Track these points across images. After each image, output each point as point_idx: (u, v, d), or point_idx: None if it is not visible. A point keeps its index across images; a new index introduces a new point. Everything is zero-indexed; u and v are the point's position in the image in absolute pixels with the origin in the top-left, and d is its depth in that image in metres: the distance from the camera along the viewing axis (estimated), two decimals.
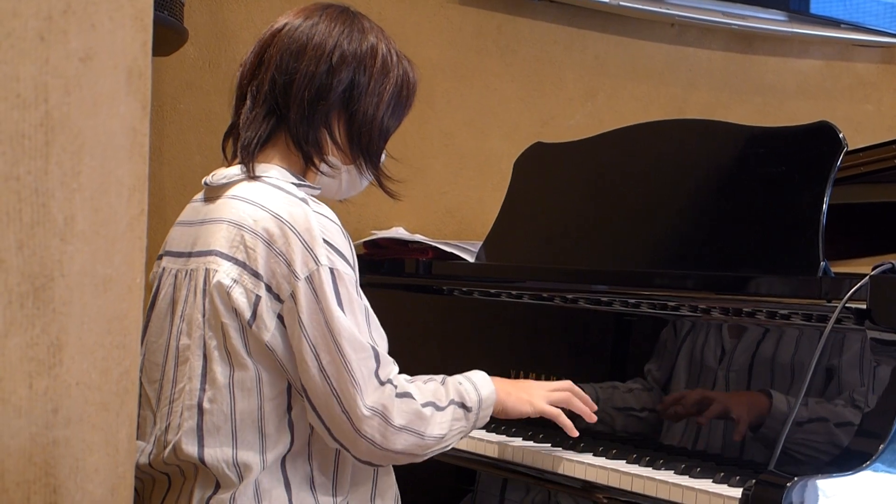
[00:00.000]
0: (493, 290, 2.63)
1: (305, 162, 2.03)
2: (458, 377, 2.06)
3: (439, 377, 2.04)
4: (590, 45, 3.96)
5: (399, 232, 3.18)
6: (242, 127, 2.04)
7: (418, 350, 2.42)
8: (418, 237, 3.09)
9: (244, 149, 2.02)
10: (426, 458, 2.01)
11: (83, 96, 1.54)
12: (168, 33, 2.88)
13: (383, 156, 2.12)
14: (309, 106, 2.01)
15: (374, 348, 1.93)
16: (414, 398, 1.95)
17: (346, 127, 2.05)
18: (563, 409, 2.16)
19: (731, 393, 2.14)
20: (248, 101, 2.05)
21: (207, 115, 3.41)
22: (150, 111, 1.66)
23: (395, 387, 1.94)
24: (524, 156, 2.87)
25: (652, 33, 4.05)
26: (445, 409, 1.99)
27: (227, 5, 3.42)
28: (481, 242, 2.83)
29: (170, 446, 1.93)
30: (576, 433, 2.16)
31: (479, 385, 2.05)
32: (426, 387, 2.00)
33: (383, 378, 1.93)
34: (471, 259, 2.84)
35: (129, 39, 1.60)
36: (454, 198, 3.74)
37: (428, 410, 1.96)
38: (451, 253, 2.92)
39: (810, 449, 1.96)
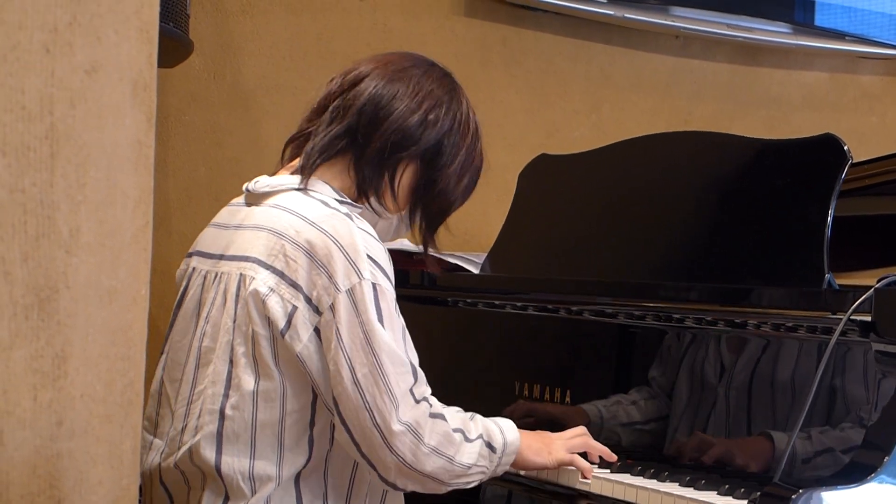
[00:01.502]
0: (497, 302, 2.63)
1: (358, 192, 2.04)
2: (486, 418, 2.06)
3: (468, 413, 2.04)
4: (595, 58, 3.97)
5: (404, 244, 3.17)
6: (314, 136, 2.04)
7: (422, 362, 2.41)
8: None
9: (308, 157, 2.03)
10: (450, 487, 2.00)
11: (88, 108, 1.55)
12: (173, 45, 2.89)
13: None
14: (389, 149, 2.02)
15: (412, 364, 1.93)
16: (446, 420, 1.95)
17: (415, 184, 2.06)
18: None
19: (736, 407, 2.14)
20: (327, 115, 2.05)
21: (213, 128, 3.42)
22: (155, 123, 1.67)
23: (430, 406, 1.94)
24: (529, 167, 2.87)
25: (657, 45, 4.05)
26: (474, 441, 1.98)
27: (232, 17, 3.43)
28: (486, 254, 2.83)
29: (185, 447, 1.93)
30: (590, 474, 2.14)
31: (505, 430, 2.04)
32: (457, 415, 2.00)
33: (419, 396, 1.93)
34: (475, 270, 2.84)
35: (134, 52, 1.61)
36: (458, 209, 3.74)
37: (458, 436, 1.96)
38: (456, 264, 2.92)
39: (815, 461, 1.96)
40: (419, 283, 2.89)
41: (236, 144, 3.43)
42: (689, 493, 2.00)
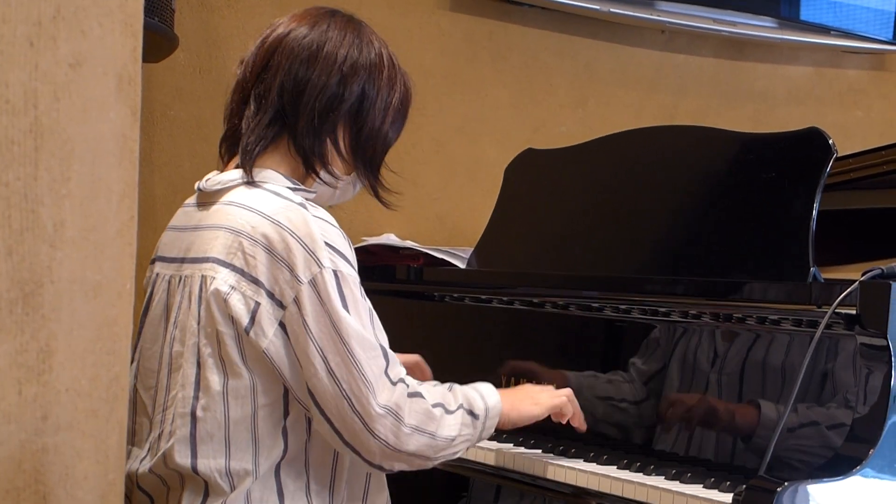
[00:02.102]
0: (484, 297, 2.63)
1: (306, 169, 2.02)
2: (465, 386, 2.06)
3: (446, 384, 2.04)
4: (580, 52, 3.97)
5: (390, 238, 3.18)
6: (245, 131, 2.03)
7: None
8: (409, 243, 3.09)
9: (245, 152, 2.01)
10: (437, 462, 1.99)
11: (73, 102, 1.54)
12: (158, 40, 2.88)
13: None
14: (319, 117, 2.00)
15: (382, 347, 1.93)
16: (424, 398, 1.95)
17: (351, 138, 2.05)
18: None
19: (722, 401, 2.14)
20: (251, 106, 2.04)
21: (198, 122, 3.41)
22: (140, 117, 1.66)
23: (408, 386, 1.94)
24: (515, 162, 2.87)
25: (642, 40, 4.05)
26: (455, 412, 1.98)
27: (217, 12, 3.42)
28: (472, 249, 2.83)
29: (160, 453, 1.93)
30: (580, 421, 2.18)
31: (485, 394, 2.05)
32: (435, 389, 2.00)
33: (394, 377, 1.92)
34: (462, 265, 2.84)
35: (118, 45, 1.60)
36: (445, 204, 3.75)
37: (438, 411, 1.96)
38: (442, 259, 2.93)
39: (800, 454, 1.96)
40: (406, 278, 2.89)
41: None
42: (675, 486, 2.00)
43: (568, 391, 2.21)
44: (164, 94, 3.38)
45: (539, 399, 2.15)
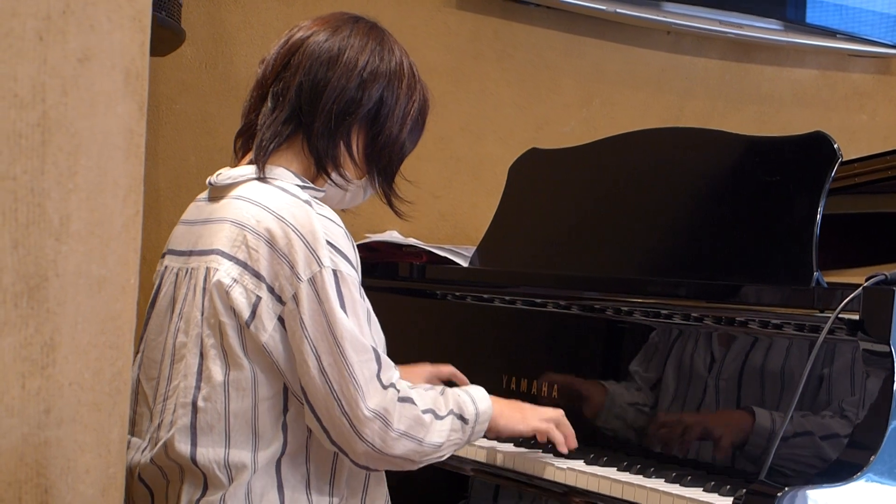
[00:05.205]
0: (486, 295, 2.63)
1: (318, 169, 2.04)
2: (457, 389, 2.07)
3: (439, 387, 2.05)
4: (586, 52, 3.97)
5: (393, 235, 3.18)
6: (261, 127, 2.04)
7: (410, 354, 2.43)
8: (412, 241, 3.09)
9: (259, 148, 2.03)
10: (422, 465, 2.01)
11: (80, 96, 1.54)
12: (165, 34, 2.89)
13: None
14: (335, 119, 2.02)
15: (375, 350, 1.93)
16: (415, 403, 1.96)
17: (366, 144, 2.06)
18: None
19: (722, 405, 2.14)
20: (269, 103, 2.05)
21: (203, 116, 3.41)
22: (146, 112, 1.66)
23: (398, 391, 1.95)
24: (519, 161, 2.87)
25: (649, 41, 4.05)
26: (444, 418, 1.99)
27: (224, 7, 3.43)
28: (475, 247, 2.83)
29: (160, 443, 1.94)
30: (565, 449, 2.17)
31: (477, 399, 2.06)
32: (427, 394, 2.00)
33: (386, 382, 1.93)
34: (464, 263, 2.84)
35: (126, 40, 1.60)
36: (448, 202, 3.75)
37: (428, 417, 1.97)
38: (445, 257, 2.92)
39: (801, 459, 1.96)
40: (408, 276, 2.89)
41: (227, 134, 3.40)
42: (675, 489, 2.01)
43: (559, 413, 2.21)
44: (170, 88, 3.38)
45: (527, 416, 2.16)
